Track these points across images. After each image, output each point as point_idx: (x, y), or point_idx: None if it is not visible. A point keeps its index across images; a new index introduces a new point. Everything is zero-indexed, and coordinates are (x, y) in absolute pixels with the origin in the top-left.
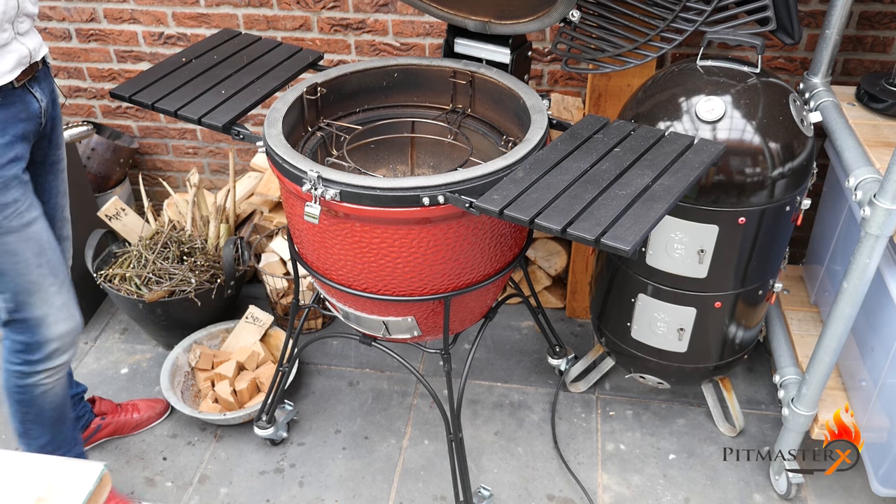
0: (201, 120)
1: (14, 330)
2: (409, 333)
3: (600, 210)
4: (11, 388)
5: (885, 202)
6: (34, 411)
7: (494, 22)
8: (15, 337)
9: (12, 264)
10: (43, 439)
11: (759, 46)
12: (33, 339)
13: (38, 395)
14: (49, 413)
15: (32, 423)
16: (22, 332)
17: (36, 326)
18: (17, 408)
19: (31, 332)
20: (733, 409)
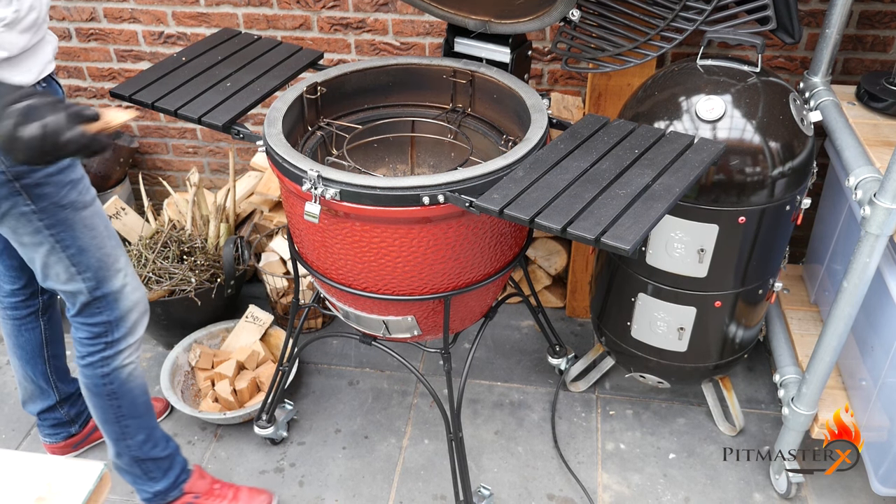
0: (201, 119)
1: (93, 312)
2: (409, 333)
3: (600, 209)
4: (97, 382)
5: (886, 201)
6: (127, 401)
7: (494, 21)
8: (94, 320)
9: (91, 238)
10: (141, 435)
11: (759, 46)
12: (113, 314)
13: (126, 380)
14: (141, 399)
15: (128, 418)
16: (101, 312)
17: (115, 301)
18: (109, 404)
19: (111, 307)
20: (733, 409)
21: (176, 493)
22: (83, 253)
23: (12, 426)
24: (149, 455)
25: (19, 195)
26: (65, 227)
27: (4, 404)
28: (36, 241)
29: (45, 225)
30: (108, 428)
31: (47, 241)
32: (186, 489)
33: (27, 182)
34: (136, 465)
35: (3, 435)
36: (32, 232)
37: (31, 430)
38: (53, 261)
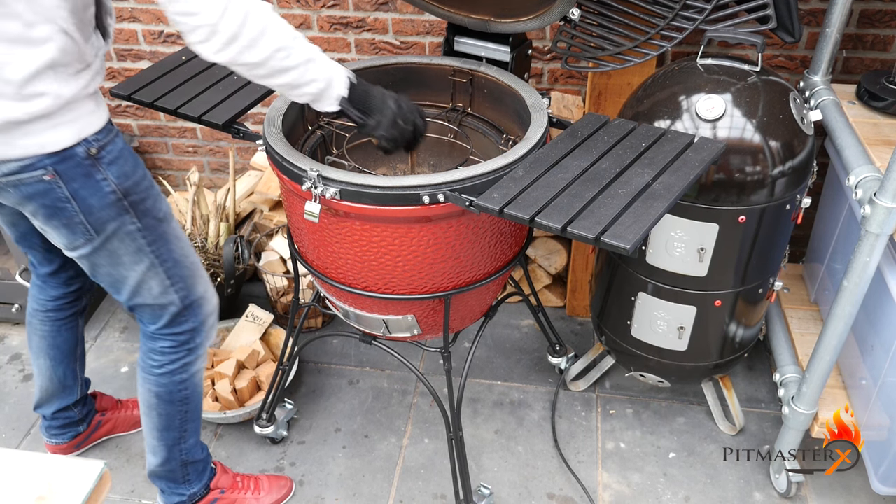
0: (201, 118)
1: (180, 321)
2: (409, 332)
3: (600, 208)
4: (173, 389)
5: (886, 200)
6: (193, 405)
7: (494, 20)
8: (180, 329)
9: (180, 248)
10: (193, 438)
11: (759, 45)
12: (198, 321)
13: (197, 383)
14: (200, 400)
15: (190, 422)
16: (188, 319)
17: (199, 307)
18: (178, 409)
19: (196, 314)
20: (733, 408)
21: (203, 491)
22: (177, 264)
23: (12, 426)
24: (195, 458)
25: (127, 213)
26: (163, 241)
27: (5, 404)
28: (136, 259)
29: (147, 242)
30: (168, 434)
31: (147, 257)
32: (212, 486)
33: (134, 198)
34: (181, 469)
35: (4, 434)
36: (134, 251)
37: (32, 429)
38: (150, 276)
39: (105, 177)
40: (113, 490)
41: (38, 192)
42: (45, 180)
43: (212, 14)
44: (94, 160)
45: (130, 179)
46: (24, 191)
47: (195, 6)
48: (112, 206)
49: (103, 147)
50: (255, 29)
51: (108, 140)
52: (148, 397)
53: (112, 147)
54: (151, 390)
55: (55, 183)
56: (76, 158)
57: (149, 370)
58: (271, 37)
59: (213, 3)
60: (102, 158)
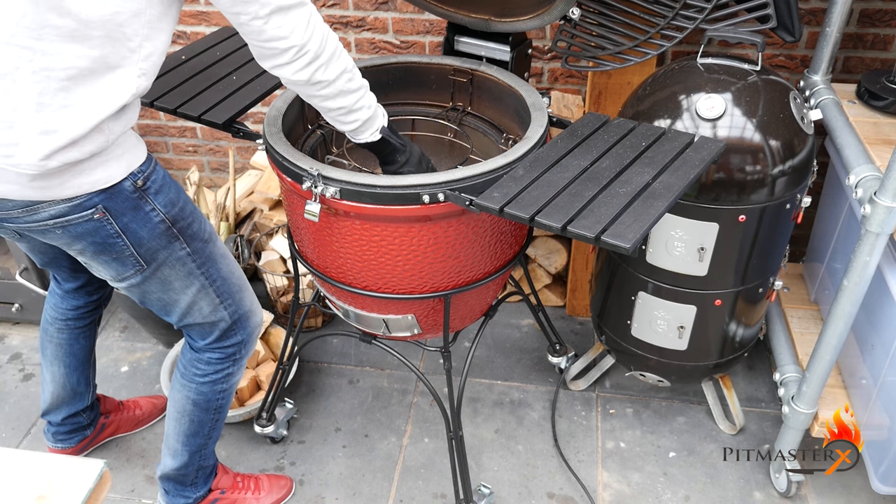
0: (201, 117)
1: (231, 335)
2: (409, 331)
3: (600, 208)
4: (212, 398)
5: (886, 200)
6: (224, 413)
7: (494, 20)
8: (229, 342)
9: (227, 265)
10: (213, 444)
11: (759, 44)
12: (244, 333)
13: (231, 392)
14: (229, 407)
15: (216, 429)
16: (237, 333)
17: (246, 320)
18: (211, 417)
19: (243, 327)
20: (733, 407)
21: (205, 492)
22: (226, 282)
23: (12, 425)
24: (209, 462)
25: (177, 240)
26: (212, 263)
27: (5, 403)
28: (187, 283)
29: (196, 265)
30: (194, 440)
31: (198, 280)
32: (213, 486)
33: (181, 225)
34: (195, 472)
35: (4, 434)
36: (185, 275)
37: (32, 429)
38: (201, 297)
39: (153, 207)
40: (113, 489)
41: (87, 232)
42: (95, 219)
43: (302, 35)
44: (141, 192)
45: (176, 206)
46: (73, 231)
47: (287, 30)
48: (162, 235)
49: (148, 178)
50: (330, 49)
51: (150, 170)
52: (184, 403)
53: (155, 176)
54: (189, 397)
55: (105, 220)
56: (124, 193)
57: (191, 378)
58: (341, 58)
59: (303, 25)
60: (149, 189)
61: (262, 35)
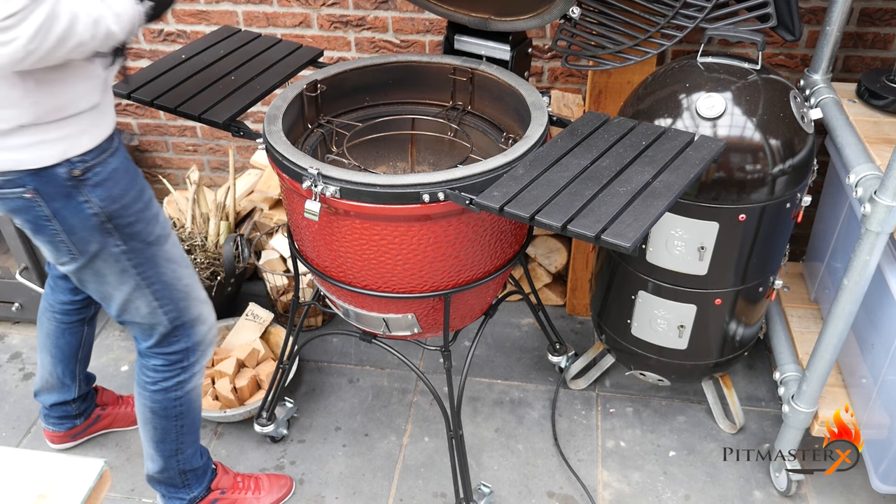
0: (201, 117)
1: (172, 342)
2: (409, 330)
3: (600, 207)
4: (168, 406)
5: (886, 199)
6: (189, 420)
7: (494, 19)
8: (172, 349)
9: (172, 271)
10: (191, 448)
11: (759, 43)
12: (191, 341)
13: (192, 399)
14: (198, 414)
15: (186, 434)
16: (179, 340)
17: (192, 327)
18: (174, 424)
19: (189, 335)
20: (733, 406)
21: (204, 492)
22: (167, 287)
23: (13, 424)
24: (192, 466)
25: (111, 236)
26: (151, 265)
27: (5, 402)
28: (120, 280)
29: (132, 265)
30: (164, 447)
31: (133, 279)
32: (212, 486)
33: (120, 222)
34: (180, 476)
35: (4, 433)
36: (119, 272)
37: (32, 427)
38: (136, 297)
39: (87, 199)
40: (113, 489)
41: (20, 208)
42: (26, 198)
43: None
44: (78, 182)
45: (118, 203)
46: (9, 205)
47: None
48: (95, 228)
49: (89, 169)
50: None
51: (96, 161)
52: (143, 411)
53: (101, 169)
54: (146, 405)
55: (35, 202)
56: (58, 179)
57: (143, 385)
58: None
59: None
60: (87, 180)
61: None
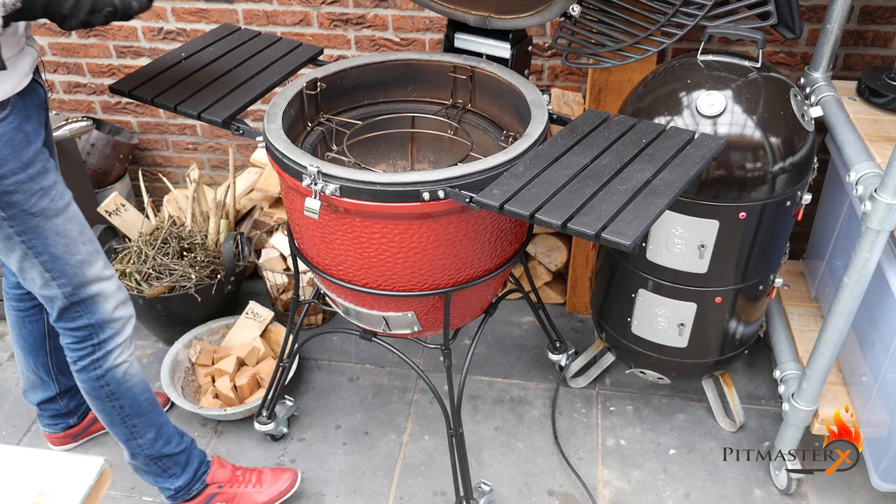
0: (201, 115)
1: (72, 317)
2: (409, 329)
3: (601, 205)
4: (94, 385)
5: (886, 197)
6: (128, 401)
7: (494, 17)
8: (77, 324)
9: (64, 246)
10: (150, 433)
11: (759, 41)
12: (94, 318)
13: (122, 379)
14: (143, 397)
15: (133, 417)
16: (83, 316)
17: (94, 304)
18: (110, 405)
19: (92, 311)
20: (734, 405)
21: (199, 486)
22: (56, 260)
23: (13, 422)
24: (162, 452)
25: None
26: (36, 235)
27: (5, 400)
28: (8, 246)
29: (15, 232)
30: (116, 430)
31: (19, 247)
32: (208, 480)
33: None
34: (153, 463)
35: (4, 431)
36: (4, 238)
37: (32, 426)
38: (27, 266)
39: None
40: (113, 487)
41: None
42: None
43: None
44: None
45: None
46: None
47: None
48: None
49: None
50: None
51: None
52: (83, 393)
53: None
54: (80, 386)
55: None
56: None
57: (71, 366)
58: None
59: None
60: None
61: None
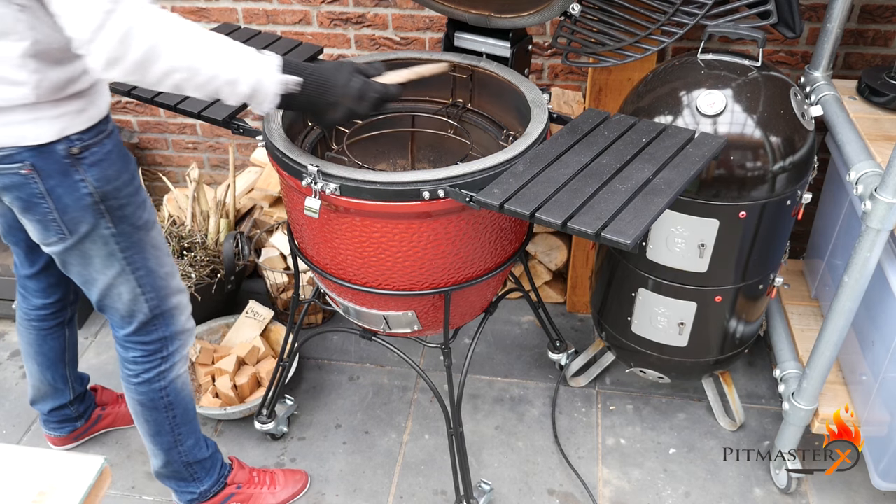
0: (201, 114)
1: (150, 330)
2: (409, 328)
3: (601, 204)
4: (155, 398)
5: (887, 196)
6: (180, 409)
7: (494, 16)
8: (151, 337)
9: (156, 258)
10: (191, 440)
11: (760, 40)
12: (169, 330)
13: (179, 389)
14: (191, 405)
15: (181, 426)
16: (159, 328)
17: (171, 316)
18: (165, 416)
19: (168, 324)
20: (734, 404)
21: (218, 487)
22: (150, 273)
23: (13, 422)
24: (196, 458)
25: (103, 217)
26: (138, 250)
27: (5, 400)
28: (107, 263)
29: (119, 248)
30: (161, 439)
31: (119, 263)
32: (228, 481)
33: (112, 203)
34: (185, 469)
35: (4, 430)
36: (106, 255)
37: (32, 425)
38: (120, 282)
39: (83, 178)
40: (113, 486)
41: (14, 185)
42: (22, 174)
43: (86, 30)
44: (75, 160)
45: (111, 184)
46: (2, 181)
47: (69, 16)
48: (88, 208)
49: (87, 148)
50: (139, 54)
51: (94, 141)
52: (133, 405)
53: (98, 149)
54: (134, 398)
55: (31, 178)
56: (55, 156)
57: (127, 380)
58: (165, 59)
59: (93, 18)
60: (84, 159)
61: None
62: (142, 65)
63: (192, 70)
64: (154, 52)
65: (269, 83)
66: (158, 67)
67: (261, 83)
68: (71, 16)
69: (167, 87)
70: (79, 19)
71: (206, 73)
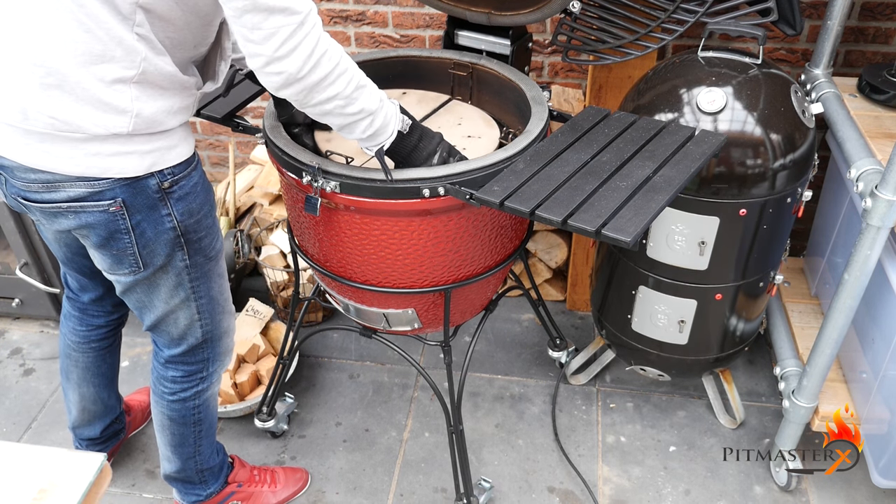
0: (200, 112)
1: (197, 352)
2: (409, 326)
3: (601, 202)
4: (187, 414)
5: (887, 193)
6: (207, 424)
7: (495, 13)
8: (196, 358)
9: (218, 287)
10: (209, 449)
11: (760, 37)
12: (213, 351)
13: (210, 405)
14: (215, 417)
15: (204, 438)
16: (205, 350)
17: (218, 340)
18: (192, 430)
19: (214, 346)
20: (734, 402)
21: (219, 485)
22: (211, 301)
23: (13, 420)
24: (209, 465)
25: (181, 250)
26: (205, 280)
27: (5, 398)
28: (172, 293)
29: (189, 279)
30: (183, 450)
31: (184, 293)
32: (229, 480)
33: (191, 236)
34: (197, 475)
35: (5, 428)
36: (174, 286)
37: (33, 423)
38: (180, 309)
39: (170, 212)
40: (113, 484)
41: (98, 222)
42: (110, 211)
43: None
44: (164, 194)
45: (195, 217)
46: (85, 219)
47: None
48: (168, 242)
49: (176, 182)
50: (320, 74)
51: (182, 175)
52: (161, 419)
53: (185, 182)
54: (164, 413)
55: (119, 214)
56: (147, 191)
57: (160, 395)
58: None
59: (283, 36)
60: (172, 193)
61: (234, 31)
62: (316, 86)
63: (349, 99)
64: (331, 77)
65: (394, 121)
66: (327, 92)
67: (388, 119)
68: (259, 33)
69: (316, 111)
70: (271, 35)
71: (358, 104)
